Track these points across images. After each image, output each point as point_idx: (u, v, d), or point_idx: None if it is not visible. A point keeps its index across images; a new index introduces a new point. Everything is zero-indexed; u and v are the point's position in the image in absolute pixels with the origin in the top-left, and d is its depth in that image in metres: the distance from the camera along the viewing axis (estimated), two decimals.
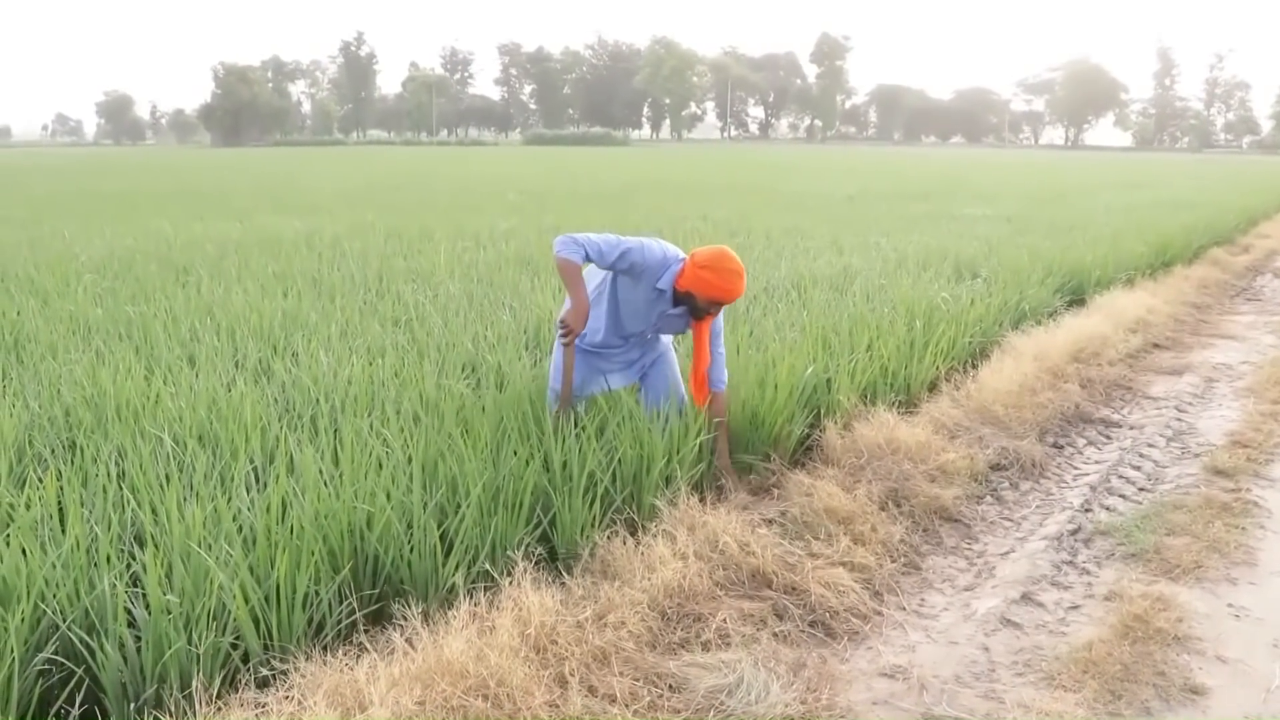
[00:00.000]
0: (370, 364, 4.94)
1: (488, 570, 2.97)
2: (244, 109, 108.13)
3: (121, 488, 3.31)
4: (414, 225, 12.29)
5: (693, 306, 3.80)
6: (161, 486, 3.27)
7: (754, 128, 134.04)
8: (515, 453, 3.51)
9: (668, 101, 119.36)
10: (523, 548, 3.11)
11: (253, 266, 8.43)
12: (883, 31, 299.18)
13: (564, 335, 3.73)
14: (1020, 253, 9.37)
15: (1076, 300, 8.28)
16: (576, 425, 3.77)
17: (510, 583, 2.88)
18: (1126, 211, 15.93)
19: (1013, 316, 7.02)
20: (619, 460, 3.63)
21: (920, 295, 6.97)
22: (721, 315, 3.94)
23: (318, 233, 11.30)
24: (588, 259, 3.68)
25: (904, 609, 3.27)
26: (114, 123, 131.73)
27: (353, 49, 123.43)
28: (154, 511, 3.14)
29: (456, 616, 2.70)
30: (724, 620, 2.96)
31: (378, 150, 71.36)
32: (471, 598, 2.83)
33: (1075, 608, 3.27)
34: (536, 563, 3.14)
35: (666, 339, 4.19)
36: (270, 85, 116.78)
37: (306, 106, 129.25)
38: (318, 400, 4.36)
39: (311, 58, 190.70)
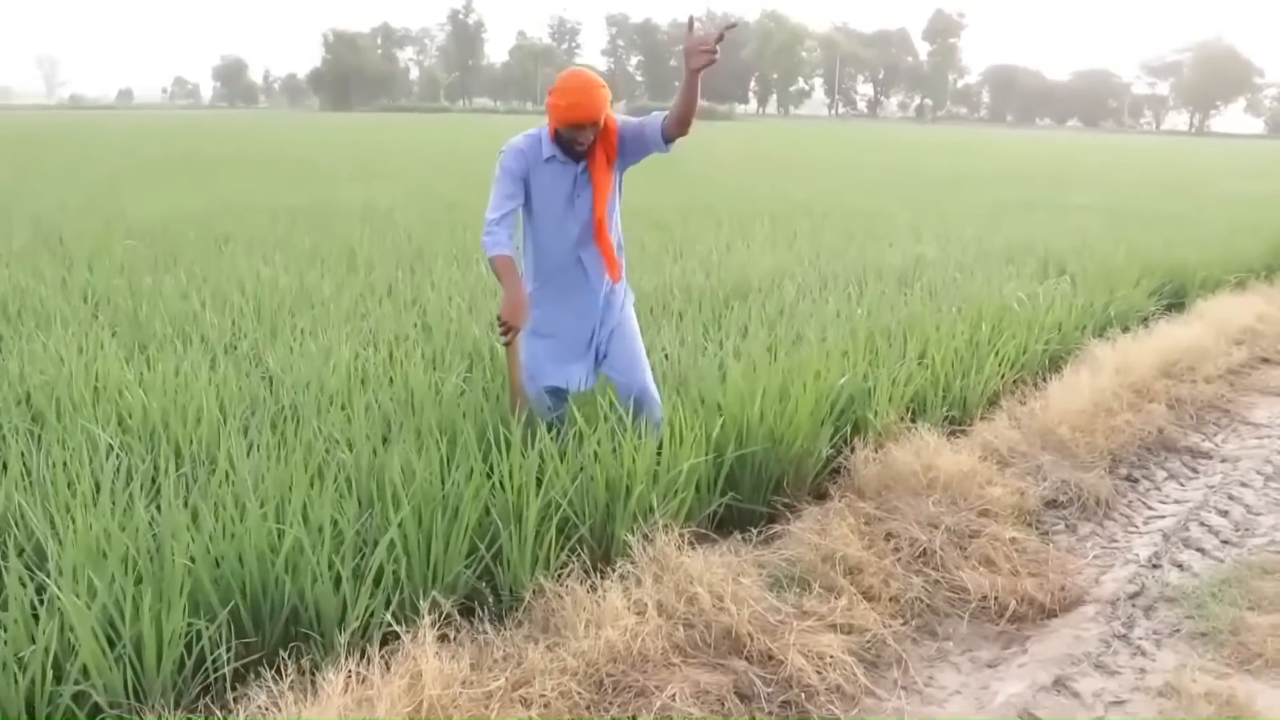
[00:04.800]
0: (364, 350, 4.57)
1: (390, 621, 2.51)
2: (352, 75, 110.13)
3: (33, 490, 2.97)
4: (480, 197, 11.94)
5: (569, 150, 3.42)
6: (70, 492, 2.90)
7: (862, 105, 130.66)
8: (467, 469, 3.04)
9: (775, 76, 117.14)
10: (437, 592, 2.63)
11: (294, 238, 8.18)
12: (999, 9, 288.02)
13: (503, 333, 3.33)
14: (1117, 248, 8.50)
15: (1175, 304, 7.43)
16: (534, 434, 3.26)
17: (412, 638, 2.41)
18: (1245, 204, 14.67)
19: (1097, 321, 6.26)
20: (590, 481, 3.15)
21: (993, 293, 6.29)
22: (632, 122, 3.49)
23: (375, 203, 11.04)
24: (505, 229, 3.44)
25: (904, 689, 2.70)
26: (229, 86, 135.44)
27: (461, 17, 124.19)
28: (52, 524, 2.78)
29: (332, 681, 2.24)
30: (672, 697, 2.44)
31: (481, 118, 71.59)
32: (364, 655, 2.37)
33: (1118, 703, 2.64)
34: (465, 609, 2.69)
35: (617, 303, 3.66)
36: (379, 52, 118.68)
37: (414, 73, 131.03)
38: (287, 393, 3.99)
39: (421, 25, 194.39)
